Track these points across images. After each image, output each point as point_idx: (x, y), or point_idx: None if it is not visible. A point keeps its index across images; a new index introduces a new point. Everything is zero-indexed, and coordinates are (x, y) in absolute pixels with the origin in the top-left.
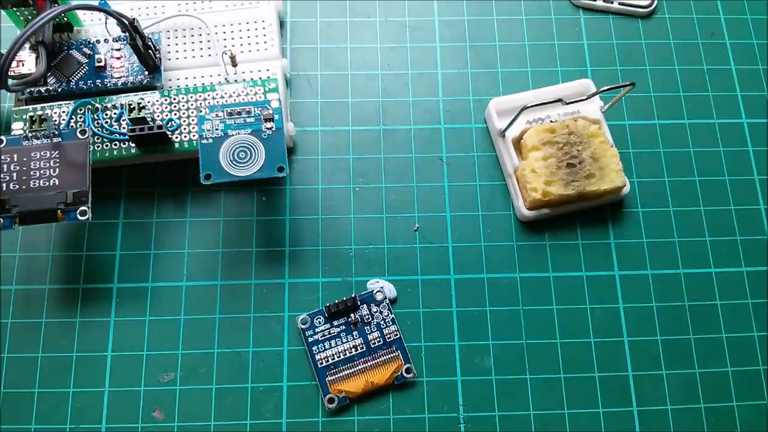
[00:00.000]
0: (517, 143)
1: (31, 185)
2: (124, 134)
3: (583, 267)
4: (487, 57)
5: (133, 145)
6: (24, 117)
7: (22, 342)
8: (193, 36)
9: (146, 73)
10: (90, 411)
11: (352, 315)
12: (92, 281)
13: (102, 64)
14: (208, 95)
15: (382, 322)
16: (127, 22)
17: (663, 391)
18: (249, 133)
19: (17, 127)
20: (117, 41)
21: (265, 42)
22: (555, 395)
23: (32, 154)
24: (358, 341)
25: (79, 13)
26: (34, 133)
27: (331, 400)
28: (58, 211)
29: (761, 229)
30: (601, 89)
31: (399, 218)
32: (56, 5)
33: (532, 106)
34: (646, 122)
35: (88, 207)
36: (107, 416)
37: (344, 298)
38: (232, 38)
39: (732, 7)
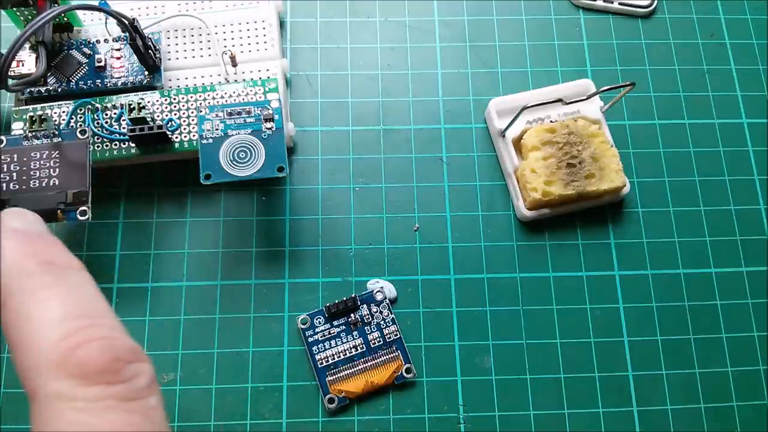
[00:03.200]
0: (517, 143)
1: (31, 185)
2: (124, 134)
3: (583, 267)
4: (487, 57)
5: (133, 145)
6: (24, 117)
7: None
8: (193, 36)
9: (146, 73)
10: None
11: (352, 315)
12: None
13: (102, 64)
14: (208, 95)
15: (382, 322)
16: (127, 22)
17: (663, 391)
18: (249, 133)
19: (17, 127)
20: (117, 41)
21: (265, 42)
22: (555, 395)
23: (32, 154)
24: (358, 341)
25: (79, 13)
26: (34, 133)
27: (331, 400)
28: (58, 211)
29: (761, 229)
30: (601, 89)
31: (399, 218)
32: (56, 5)
33: (532, 106)
34: (646, 122)
35: (88, 207)
36: None
37: (344, 298)
38: (232, 38)
39: (732, 7)
